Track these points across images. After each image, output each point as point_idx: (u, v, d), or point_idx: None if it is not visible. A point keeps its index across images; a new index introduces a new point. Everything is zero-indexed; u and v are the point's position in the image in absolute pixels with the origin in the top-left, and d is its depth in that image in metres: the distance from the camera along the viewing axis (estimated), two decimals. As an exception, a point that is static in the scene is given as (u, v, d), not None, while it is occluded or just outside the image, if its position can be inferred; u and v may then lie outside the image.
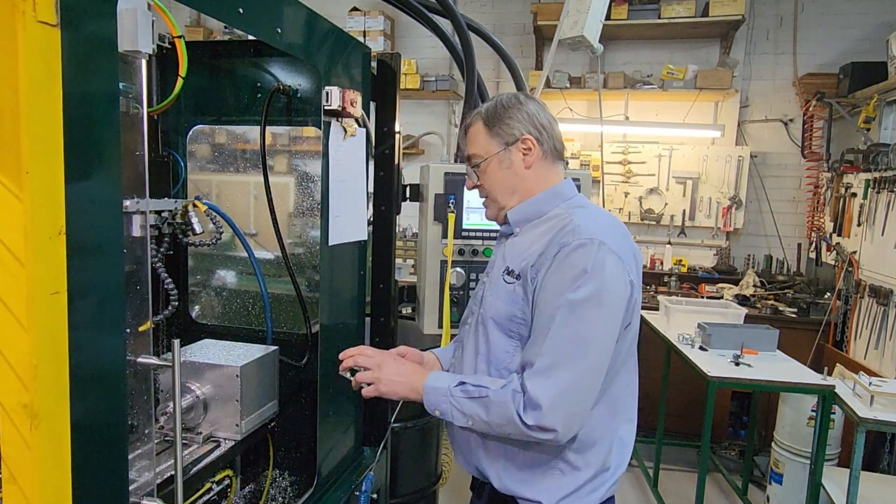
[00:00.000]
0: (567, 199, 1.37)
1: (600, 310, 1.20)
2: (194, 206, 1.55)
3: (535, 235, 1.33)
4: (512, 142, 1.35)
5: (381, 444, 1.90)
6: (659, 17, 4.71)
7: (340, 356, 1.39)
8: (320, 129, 1.50)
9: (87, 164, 0.84)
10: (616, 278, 1.21)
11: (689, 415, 4.04)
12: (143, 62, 1.00)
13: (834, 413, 3.05)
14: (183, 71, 1.25)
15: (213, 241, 1.64)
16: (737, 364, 3.09)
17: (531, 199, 1.37)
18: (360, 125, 1.63)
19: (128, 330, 0.97)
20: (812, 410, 3.19)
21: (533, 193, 1.37)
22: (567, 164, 1.46)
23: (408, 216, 3.26)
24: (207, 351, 1.64)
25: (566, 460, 1.30)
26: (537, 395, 1.17)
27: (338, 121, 1.52)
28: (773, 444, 3.50)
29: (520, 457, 1.32)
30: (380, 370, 1.35)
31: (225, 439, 1.54)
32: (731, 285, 4.73)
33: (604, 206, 3.93)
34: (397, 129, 1.90)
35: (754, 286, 4.67)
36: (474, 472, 1.43)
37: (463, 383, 1.27)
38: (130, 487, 1.02)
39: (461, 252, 1.98)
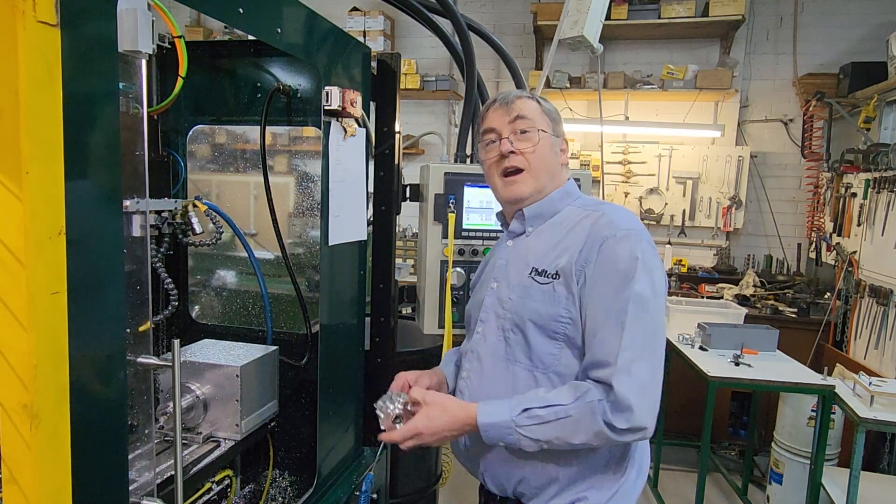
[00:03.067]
0: (576, 198, 1.39)
1: (657, 300, 1.21)
2: (194, 206, 1.56)
3: (558, 234, 1.31)
4: (560, 135, 1.39)
5: (381, 444, 1.90)
6: (659, 17, 4.71)
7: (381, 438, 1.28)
8: (320, 129, 1.50)
9: (87, 164, 0.84)
10: (660, 268, 1.24)
11: (689, 415, 4.04)
12: (143, 62, 1.00)
13: (834, 413, 3.06)
14: (183, 71, 1.25)
15: (213, 241, 1.64)
16: (737, 364, 3.09)
17: (547, 197, 1.37)
18: (360, 125, 1.63)
19: (128, 330, 0.97)
20: (812, 410, 3.19)
21: (554, 189, 1.38)
22: (566, 163, 1.46)
23: (408, 216, 3.26)
24: (207, 351, 1.64)
25: (615, 463, 1.29)
26: (626, 395, 1.13)
27: (338, 121, 1.52)
28: (773, 444, 3.50)
29: (566, 472, 1.27)
30: (420, 438, 1.24)
31: (225, 439, 1.54)
32: (731, 285, 4.73)
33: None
34: (397, 129, 1.90)
35: (754, 286, 4.67)
36: (505, 492, 1.33)
37: (527, 409, 1.18)
38: (130, 487, 1.02)
39: (461, 252, 1.98)
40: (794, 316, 4.26)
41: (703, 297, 4.56)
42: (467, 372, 1.39)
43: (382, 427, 1.28)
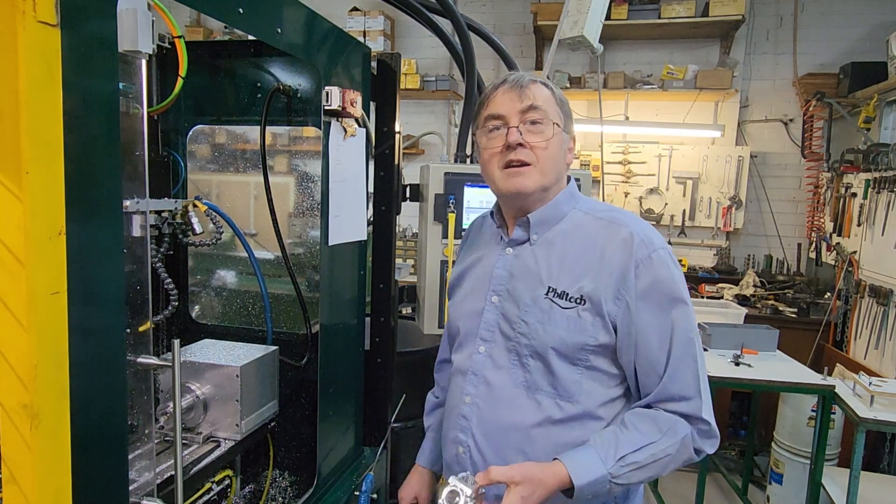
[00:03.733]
0: (578, 200, 1.30)
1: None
2: (194, 206, 1.56)
3: (573, 249, 1.21)
4: (570, 131, 1.29)
5: (381, 444, 1.90)
6: (659, 17, 4.72)
7: None
8: (320, 129, 1.50)
9: (87, 164, 0.84)
10: None
11: (689, 415, 4.04)
12: (143, 62, 1.00)
13: (834, 413, 3.06)
14: (183, 71, 1.25)
15: (213, 241, 1.64)
16: (737, 364, 3.10)
17: (553, 201, 1.26)
18: (360, 125, 1.63)
19: (128, 330, 0.97)
20: (812, 410, 3.19)
21: (559, 191, 1.28)
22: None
23: (408, 216, 3.26)
24: (207, 351, 1.64)
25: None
26: (713, 423, 1.17)
27: (338, 121, 1.52)
28: (773, 444, 3.50)
29: None
30: None
31: (225, 439, 1.54)
32: (731, 285, 4.74)
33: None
34: (397, 129, 1.90)
35: (754, 286, 4.67)
36: None
37: (622, 457, 1.11)
38: (130, 487, 1.02)
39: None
40: (794, 316, 4.26)
41: (703, 297, 4.56)
42: (472, 397, 1.27)
43: None
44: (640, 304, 1.15)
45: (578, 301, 1.17)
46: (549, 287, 1.20)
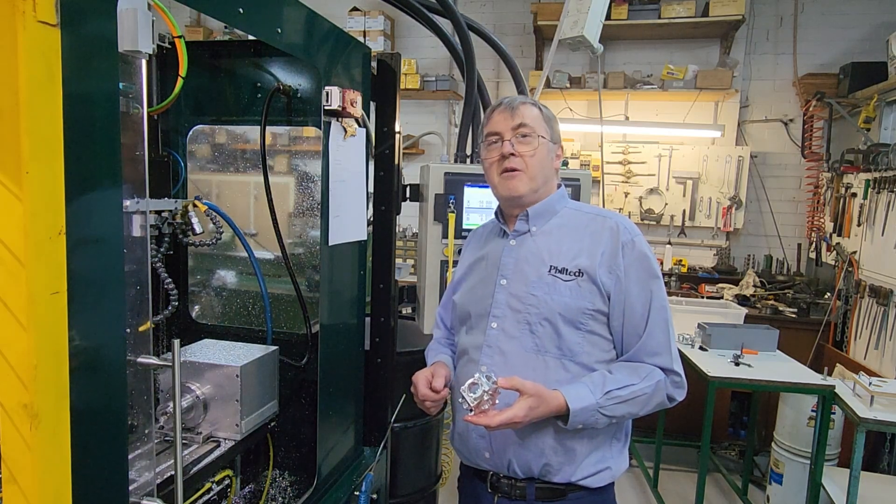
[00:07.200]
0: (567, 202, 1.52)
1: None
2: (194, 206, 1.56)
3: (569, 236, 1.43)
4: (557, 141, 1.49)
5: (381, 444, 1.91)
6: (659, 17, 4.71)
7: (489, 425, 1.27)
8: (320, 129, 1.50)
9: (87, 164, 0.84)
10: None
11: (689, 415, 4.04)
12: (143, 62, 1.00)
13: (834, 413, 3.05)
14: (183, 71, 1.25)
15: (213, 241, 1.64)
16: (737, 364, 3.10)
17: (548, 199, 1.48)
18: (360, 125, 1.63)
19: (128, 330, 0.97)
20: (812, 410, 3.19)
21: (549, 193, 1.49)
22: (567, 163, 1.48)
23: (408, 216, 3.26)
24: (207, 351, 1.64)
25: (624, 435, 1.48)
26: (682, 374, 1.40)
27: (338, 121, 1.52)
28: (773, 444, 3.50)
29: (588, 447, 1.41)
30: (515, 425, 1.29)
31: (225, 439, 1.54)
32: (731, 285, 4.73)
33: (604, 205, 3.94)
34: (397, 129, 1.90)
35: (754, 286, 4.67)
36: (531, 473, 1.41)
37: (609, 391, 1.32)
38: (130, 487, 1.02)
39: (461, 252, 1.98)
40: (794, 316, 4.26)
41: (703, 298, 4.56)
42: (488, 367, 1.41)
43: (468, 408, 1.27)
44: (627, 277, 1.38)
45: (577, 274, 1.38)
46: (551, 266, 1.41)
